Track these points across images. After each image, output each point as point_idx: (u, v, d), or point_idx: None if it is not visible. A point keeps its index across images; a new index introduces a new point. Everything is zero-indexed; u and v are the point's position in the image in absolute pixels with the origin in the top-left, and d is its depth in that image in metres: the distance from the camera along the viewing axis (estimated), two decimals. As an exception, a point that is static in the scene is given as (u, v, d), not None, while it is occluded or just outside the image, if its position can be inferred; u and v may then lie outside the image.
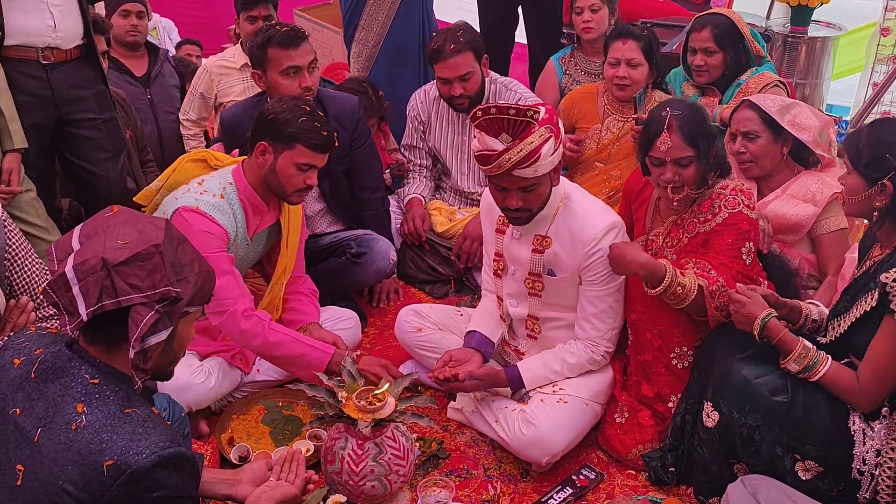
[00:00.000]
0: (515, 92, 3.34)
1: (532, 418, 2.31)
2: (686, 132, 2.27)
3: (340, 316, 2.91)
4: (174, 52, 4.98)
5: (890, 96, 4.44)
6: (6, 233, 2.11)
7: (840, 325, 2.05)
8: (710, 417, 2.12)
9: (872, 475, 1.94)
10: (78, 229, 1.52)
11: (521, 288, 2.47)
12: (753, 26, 3.52)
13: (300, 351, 2.42)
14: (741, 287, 2.14)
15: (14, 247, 2.12)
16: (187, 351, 2.36)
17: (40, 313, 2.11)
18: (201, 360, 2.54)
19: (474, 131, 2.18)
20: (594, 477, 2.35)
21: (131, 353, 1.43)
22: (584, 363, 2.42)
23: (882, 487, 1.94)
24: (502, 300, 2.57)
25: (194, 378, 2.45)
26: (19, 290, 2.12)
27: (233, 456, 2.36)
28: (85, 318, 1.41)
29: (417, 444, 2.40)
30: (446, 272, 3.37)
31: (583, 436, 2.42)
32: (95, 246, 1.44)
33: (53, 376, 1.47)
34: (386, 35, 3.88)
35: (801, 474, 2.01)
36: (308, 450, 2.34)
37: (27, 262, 2.14)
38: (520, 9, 4.34)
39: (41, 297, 2.09)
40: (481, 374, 2.38)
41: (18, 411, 1.45)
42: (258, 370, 2.66)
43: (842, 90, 5.05)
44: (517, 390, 2.43)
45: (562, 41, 4.41)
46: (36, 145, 2.90)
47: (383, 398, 2.04)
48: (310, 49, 2.99)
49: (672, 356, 2.34)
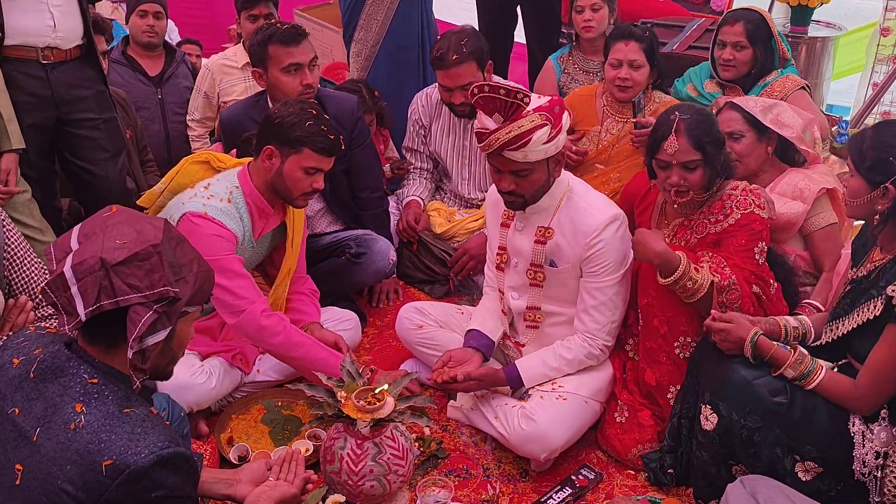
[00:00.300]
0: None
1: (532, 414, 2.32)
2: (693, 136, 2.29)
3: (341, 317, 2.91)
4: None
5: (890, 96, 4.43)
6: (5, 232, 2.11)
7: (839, 328, 2.05)
8: (709, 420, 2.12)
9: (875, 477, 1.94)
10: (76, 229, 1.52)
11: (523, 279, 2.48)
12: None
13: (320, 355, 2.44)
14: (716, 314, 2.14)
15: (13, 246, 2.12)
16: (188, 351, 2.38)
17: (39, 313, 2.11)
18: (202, 361, 2.54)
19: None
20: (593, 477, 2.35)
21: (130, 353, 1.43)
22: (582, 358, 2.42)
23: (889, 490, 1.93)
24: (504, 294, 2.57)
25: (196, 378, 2.45)
26: (18, 290, 2.12)
27: (232, 456, 2.36)
28: (83, 318, 1.41)
29: (417, 444, 2.40)
30: (443, 272, 3.37)
31: (581, 433, 2.43)
32: (94, 246, 1.44)
33: (52, 376, 1.47)
34: (385, 35, 3.87)
35: (801, 475, 2.01)
36: (307, 449, 2.34)
37: (26, 262, 2.14)
38: (519, 9, 4.33)
39: (40, 297, 2.09)
40: (480, 375, 2.38)
41: (17, 411, 1.45)
42: (258, 370, 2.66)
43: (842, 90, 5.04)
44: (517, 389, 2.44)
45: (560, 40, 4.41)
46: (36, 145, 2.90)
47: (382, 398, 2.04)
48: (310, 47, 2.99)
49: (676, 345, 2.34)
